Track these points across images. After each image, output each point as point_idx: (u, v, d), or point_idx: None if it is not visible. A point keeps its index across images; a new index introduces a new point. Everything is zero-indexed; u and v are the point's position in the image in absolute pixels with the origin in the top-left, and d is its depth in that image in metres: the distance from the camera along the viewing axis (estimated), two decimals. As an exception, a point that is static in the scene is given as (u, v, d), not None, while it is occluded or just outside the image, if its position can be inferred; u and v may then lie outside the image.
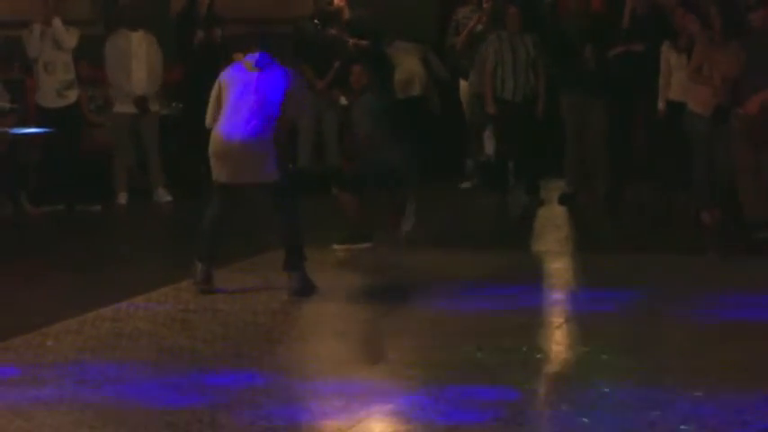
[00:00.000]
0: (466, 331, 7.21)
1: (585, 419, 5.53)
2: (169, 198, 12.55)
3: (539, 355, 6.72)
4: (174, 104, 13.19)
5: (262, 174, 8.09)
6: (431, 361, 6.56)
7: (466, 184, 13.08)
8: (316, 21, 13.03)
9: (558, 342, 7.10)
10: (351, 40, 12.85)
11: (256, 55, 8.23)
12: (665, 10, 11.74)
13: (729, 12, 10.18)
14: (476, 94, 12.63)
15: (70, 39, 12.17)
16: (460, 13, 13.15)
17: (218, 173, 8.24)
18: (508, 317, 7.51)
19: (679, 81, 10.96)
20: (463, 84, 13.11)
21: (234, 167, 8.13)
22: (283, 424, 5.57)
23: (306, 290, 8.19)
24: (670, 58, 11.12)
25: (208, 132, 8.30)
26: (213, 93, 8.32)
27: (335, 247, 9.74)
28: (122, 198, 12.49)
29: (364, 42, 12.84)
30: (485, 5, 12.83)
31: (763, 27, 9.99)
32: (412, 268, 9.16)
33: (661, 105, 11.24)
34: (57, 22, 12.14)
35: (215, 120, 8.22)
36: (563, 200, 11.92)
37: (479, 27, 12.73)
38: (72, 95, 12.34)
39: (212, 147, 8.22)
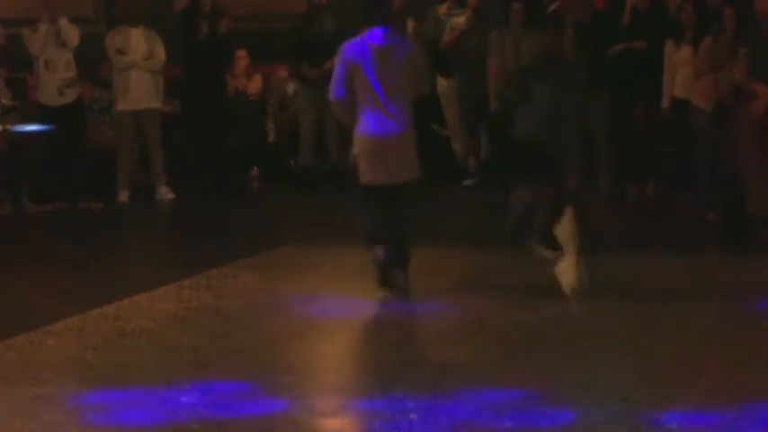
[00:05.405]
0: (466, 331, 7.22)
1: (588, 415, 5.53)
2: (171, 196, 12.53)
3: (540, 354, 6.71)
4: (176, 102, 13.16)
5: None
6: (432, 360, 6.56)
7: (468, 182, 13.05)
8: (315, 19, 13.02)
9: (557, 341, 7.08)
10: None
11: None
12: (665, 6, 11.71)
13: (743, 15, 10.11)
14: (463, 94, 12.57)
15: (75, 37, 12.20)
16: (440, 10, 13.04)
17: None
18: (507, 315, 7.50)
19: (683, 77, 10.92)
20: (441, 81, 13.00)
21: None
22: (283, 423, 5.56)
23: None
24: (674, 56, 11.07)
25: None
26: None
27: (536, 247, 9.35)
28: (124, 196, 12.46)
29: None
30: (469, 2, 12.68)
31: (766, 21, 9.92)
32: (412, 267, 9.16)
33: (665, 103, 11.20)
34: (64, 21, 12.18)
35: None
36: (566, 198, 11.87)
37: (468, 27, 12.54)
38: (73, 94, 12.34)
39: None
